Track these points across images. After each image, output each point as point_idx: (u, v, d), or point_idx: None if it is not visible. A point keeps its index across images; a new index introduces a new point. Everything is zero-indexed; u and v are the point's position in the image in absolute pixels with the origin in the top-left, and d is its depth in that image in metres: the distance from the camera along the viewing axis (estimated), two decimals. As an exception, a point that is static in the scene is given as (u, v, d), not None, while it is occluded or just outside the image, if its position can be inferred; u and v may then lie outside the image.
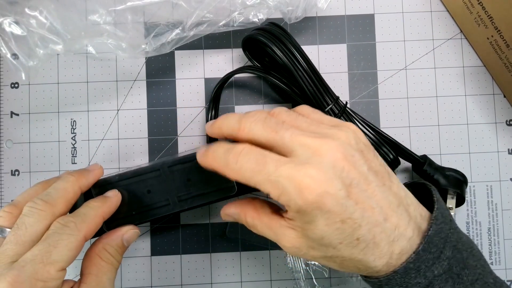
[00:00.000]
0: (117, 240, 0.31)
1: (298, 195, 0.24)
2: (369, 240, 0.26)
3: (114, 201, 0.31)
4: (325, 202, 0.24)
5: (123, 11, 0.36)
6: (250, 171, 0.26)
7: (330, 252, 0.26)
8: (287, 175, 0.25)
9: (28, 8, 0.33)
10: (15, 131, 0.41)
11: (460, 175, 0.38)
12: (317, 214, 0.25)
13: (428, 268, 0.26)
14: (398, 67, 0.42)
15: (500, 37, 0.38)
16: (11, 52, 0.34)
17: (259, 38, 0.36)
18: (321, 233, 0.25)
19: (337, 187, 0.24)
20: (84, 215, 0.29)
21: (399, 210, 0.27)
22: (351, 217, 0.25)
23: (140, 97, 0.41)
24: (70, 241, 0.27)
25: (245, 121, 0.28)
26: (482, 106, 0.42)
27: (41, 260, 0.26)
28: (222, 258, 0.40)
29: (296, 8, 0.37)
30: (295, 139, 0.26)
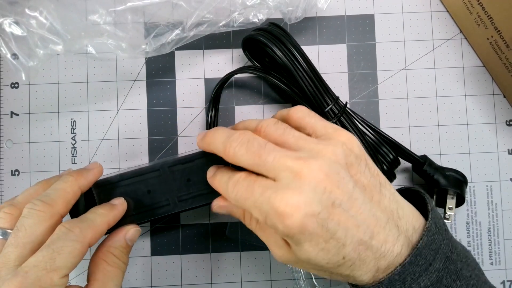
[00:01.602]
0: (121, 241, 0.31)
1: (280, 223, 0.24)
2: (355, 258, 0.26)
3: (120, 209, 0.31)
4: (307, 226, 0.24)
5: (123, 11, 0.36)
6: (242, 198, 0.27)
7: (316, 268, 0.27)
8: (268, 202, 0.25)
9: (28, 8, 0.33)
10: (15, 131, 0.41)
11: (460, 175, 0.38)
12: (301, 238, 0.25)
13: (414, 280, 0.26)
14: (398, 67, 0.42)
15: (500, 37, 0.38)
16: (11, 52, 0.34)
17: (259, 38, 0.36)
18: (307, 255, 0.25)
19: (317, 210, 0.24)
20: (90, 221, 0.29)
21: (388, 226, 0.26)
22: (334, 237, 0.25)
23: (140, 97, 0.41)
24: (74, 248, 0.27)
25: (229, 146, 0.28)
26: (482, 106, 0.42)
27: (44, 266, 0.26)
28: (222, 258, 0.40)
29: (296, 8, 0.37)
30: (278, 163, 0.25)
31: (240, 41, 0.39)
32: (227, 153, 0.28)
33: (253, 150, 0.26)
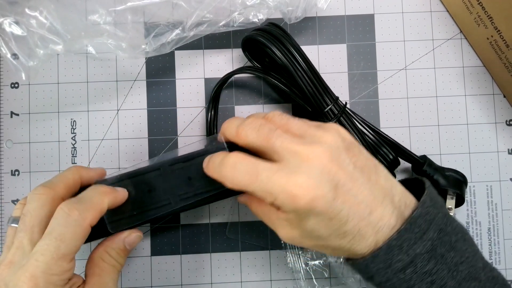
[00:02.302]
0: (119, 243, 0.32)
1: (291, 202, 0.27)
2: (355, 232, 0.28)
3: (120, 193, 0.31)
4: (315, 206, 0.26)
5: (123, 11, 0.36)
6: (244, 182, 0.28)
7: (321, 242, 0.29)
8: (279, 185, 0.27)
9: (28, 8, 0.33)
10: (15, 131, 0.41)
11: (459, 175, 0.38)
12: (308, 215, 0.27)
13: (410, 247, 0.28)
14: (398, 67, 0.42)
15: (500, 37, 0.38)
16: (11, 52, 0.34)
17: (258, 38, 0.36)
18: (311, 228, 0.28)
19: (325, 190, 0.27)
20: (89, 201, 0.29)
21: (384, 202, 0.28)
22: (339, 215, 0.27)
23: (140, 97, 0.41)
24: (75, 232, 0.28)
25: (242, 128, 0.30)
26: (482, 106, 0.42)
27: (52, 255, 0.27)
28: (222, 258, 0.40)
29: (296, 8, 0.37)
30: (285, 147, 0.28)
31: (240, 41, 0.39)
32: (239, 135, 0.30)
33: (263, 134, 0.29)
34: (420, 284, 0.28)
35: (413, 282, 0.28)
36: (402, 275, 0.28)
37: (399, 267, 0.28)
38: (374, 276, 0.29)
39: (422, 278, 0.28)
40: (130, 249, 0.32)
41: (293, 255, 0.40)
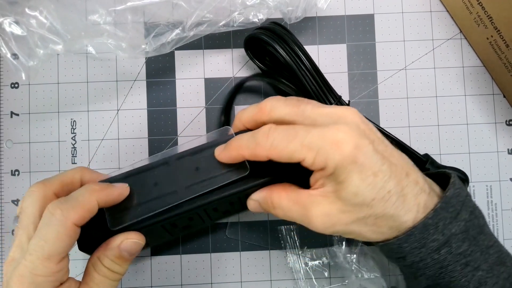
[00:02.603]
0: (113, 249, 0.29)
1: (335, 150, 0.26)
2: (399, 192, 0.27)
3: (116, 191, 0.29)
4: (359, 155, 0.26)
5: (123, 11, 0.36)
6: (282, 143, 0.27)
7: (363, 211, 0.27)
8: (320, 135, 0.26)
9: (28, 8, 0.33)
10: (15, 131, 0.41)
11: (461, 173, 0.38)
12: (352, 169, 0.26)
13: (445, 226, 0.27)
14: (398, 67, 0.42)
15: (500, 37, 0.38)
16: (11, 52, 0.34)
17: (262, 37, 0.36)
18: (355, 189, 0.26)
19: (366, 142, 0.26)
20: (75, 200, 0.27)
21: (415, 169, 0.29)
22: (381, 169, 0.26)
23: (140, 97, 0.41)
24: (59, 232, 0.26)
25: (265, 103, 0.29)
26: (482, 106, 0.42)
27: (37, 256, 0.26)
28: (222, 258, 0.40)
29: (296, 8, 0.37)
30: (317, 110, 0.28)
31: (241, 41, 0.39)
32: (263, 109, 0.29)
33: (291, 103, 0.29)
34: (454, 265, 0.28)
35: (447, 263, 0.28)
36: (437, 255, 0.28)
37: (434, 247, 0.27)
38: (407, 256, 0.28)
39: (456, 259, 0.28)
40: (129, 257, 0.29)
41: (293, 255, 0.40)
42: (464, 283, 0.28)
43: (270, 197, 0.29)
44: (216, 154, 0.30)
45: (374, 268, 0.40)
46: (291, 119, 0.28)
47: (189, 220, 0.33)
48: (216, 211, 0.33)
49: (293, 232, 0.40)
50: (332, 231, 0.28)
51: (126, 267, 0.30)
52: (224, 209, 0.33)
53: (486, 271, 0.28)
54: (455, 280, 0.28)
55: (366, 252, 0.40)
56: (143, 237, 0.30)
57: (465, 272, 0.28)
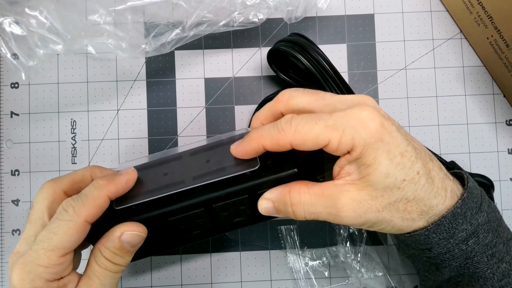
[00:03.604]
0: (114, 241, 0.28)
1: (361, 127, 0.25)
2: (427, 174, 0.27)
3: (123, 179, 0.29)
4: (385, 134, 0.26)
5: (123, 11, 0.36)
6: (306, 126, 0.26)
7: (394, 195, 0.26)
8: (344, 116, 0.26)
9: (28, 8, 0.33)
10: (15, 131, 0.41)
11: (486, 179, 0.38)
12: (379, 147, 0.25)
13: (472, 216, 0.27)
14: (398, 67, 0.42)
15: (500, 37, 0.38)
16: (11, 52, 0.34)
17: (284, 49, 0.36)
18: (386, 170, 0.26)
19: (389, 123, 0.26)
20: (85, 197, 0.28)
21: (434, 156, 0.29)
22: (407, 150, 0.26)
23: (140, 97, 0.41)
24: (69, 227, 0.27)
25: (282, 94, 0.29)
26: (482, 106, 0.42)
27: (43, 246, 0.27)
28: (222, 258, 0.40)
29: (296, 8, 0.37)
30: (336, 98, 0.28)
31: (241, 41, 0.39)
32: (281, 99, 0.29)
33: (309, 92, 0.29)
34: (481, 256, 0.28)
35: (474, 253, 0.28)
36: (465, 246, 0.27)
37: (462, 237, 0.27)
38: (433, 247, 0.28)
39: (483, 250, 0.28)
40: (131, 248, 0.29)
41: (293, 255, 0.40)
42: (489, 274, 0.28)
43: (289, 192, 0.28)
44: (233, 148, 0.29)
45: (375, 268, 0.40)
46: (310, 107, 0.28)
47: (196, 219, 0.31)
48: (225, 212, 0.30)
49: (293, 232, 0.40)
50: (363, 221, 0.26)
51: (128, 258, 0.29)
52: (234, 212, 0.31)
53: (509, 263, 0.28)
54: (480, 271, 0.28)
55: (367, 252, 0.40)
56: (144, 229, 0.29)
57: (491, 264, 0.28)
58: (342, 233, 0.40)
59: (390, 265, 0.40)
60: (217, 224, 0.31)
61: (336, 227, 0.40)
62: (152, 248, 0.32)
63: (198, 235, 0.32)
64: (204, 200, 0.29)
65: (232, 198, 0.29)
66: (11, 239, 0.40)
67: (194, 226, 0.31)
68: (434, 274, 0.30)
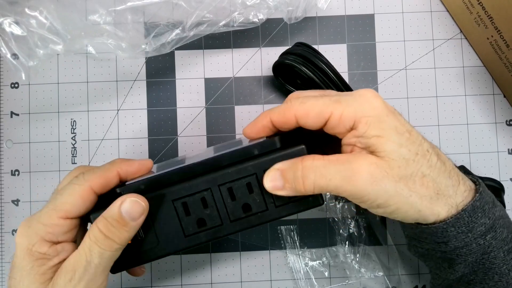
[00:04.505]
0: (113, 211, 0.26)
1: (365, 102, 0.26)
2: (437, 154, 0.27)
3: (137, 162, 0.29)
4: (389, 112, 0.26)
5: (123, 11, 0.36)
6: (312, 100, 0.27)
7: (410, 167, 0.26)
8: (348, 95, 0.27)
9: (28, 8, 0.33)
10: (15, 131, 0.41)
11: (496, 183, 0.38)
12: (386, 121, 0.26)
13: (490, 210, 0.27)
14: (398, 67, 0.42)
15: (500, 37, 0.38)
16: (11, 52, 0.34)
17: (288, 62, 0.37)
18: (397, 140, 0.26)
19: (392, 108, 0.27)
20: (98, 168, 0.29)
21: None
22: (413, 130, 0.27)
23: (140, 97, 0.41)
24: (74, 190, 0.27)
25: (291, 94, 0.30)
26: (482, 106, 0.42)
27: (48, 205, 0.27)
28: (222, 258, 0.40)
29: (296, 8, 0.37)
30: (340, 93, 0.28)
31: (241, 41, 0.39)
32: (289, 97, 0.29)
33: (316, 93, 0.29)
34: (498, 251, 0.28)
35: (491, 248, 0.27)
36: (482, 241, 0.27)
37: (481, 232, 0.27)
38: (450, 241, 0.28)
39: (500, 245, 0.28)
40: (130, 221, 0.26)
41: (293, 255, 0.40)
42: (504, 270, 0.28)
43: (301, 159, 0.26)
44: (243, 130, 0.30)
45: (375, 268, 0.40)
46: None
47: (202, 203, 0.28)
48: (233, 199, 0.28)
49: (293, 232, 0.40)
50: (380, 189, 0.25)
51: (125, 234, 0.26)
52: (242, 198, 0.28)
53: None
54: (496, 267, 0.28)
55: (367, 252, 0.40)
56: (145, 200, 0.27)
57: (507, 260, 0.28)
58: (342, 233, 0.40)
59: (390, 265, 0.40)
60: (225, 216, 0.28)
61: (336, 226, 0.40)
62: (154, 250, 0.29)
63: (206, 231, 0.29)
64: (210, 179, 0.28)
65: (239, 176, 0.27)
66: (11, 239, 0.40)
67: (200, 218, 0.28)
68: (446, 271, 0.30)
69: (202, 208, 0.28)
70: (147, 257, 0.29)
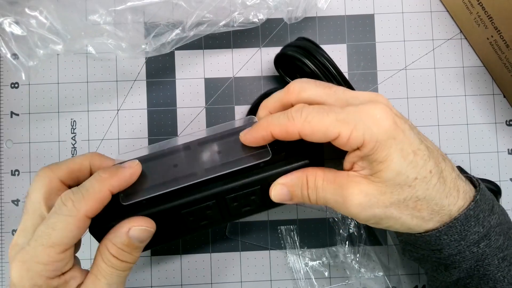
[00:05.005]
0: (121, 237, 0.27)
1: (374, 124, 0.25)
2: (439, 173, 0.26)
3: (127, 172, 0.28)
4: (398, 132, 0.25)
5: (123, 11, 0.36)
6: (316, 117, 0.26)
7: (404, 193, 0.26)
8: (356, 111, 0.25)
9: (28, 8, 0.33)
10: (15, 131, 0.41)
11: (493, 185, 0.38)
12: (392, 144, 0.25)
13: (485, 218, 0.27)
14: (398, 67, 0.42)
15: (500, 37, 0.38)
16: (11, 52, 0.34)
17: (291, 53, 0.36)
18: (398, 167, 0.25)
19: (402, 121, 0.26)
20: (86, 191, 0.26)
21: (447, 157, 0.29)
22: (420, 148, 0.26)
23: (140, 97, 0.41)
24: (68, 223, 0.26)
25: (293, 84, 0.28)
26: (482, 106, 0.42)
27: (42, 242, 0.25)
28: (222, 258, 0.40)
29: (296, 8, 0.37)
30: (348, 93, 0.27)
31: (241, 41, 0.39)
32: (292, 91, 0.28)
33: (322, 84, 0.28)
34: (492, 258, 0.27)
35: (485, 256, 0.27)
36: (476, 249, 0.27)
37: (474, 240, 0.27)
38: (444, 248, 0.28)
39: (494, 253, 0.27)
40: (139, 244, 0.27)
41: (293, 255, 0.40)
42: (499, 277, 0.28)
43: (306, 177, 0.28)
44: (241, 135, 0.29)
45: (375, 268, 0.40)
46: (322, 100, 0.28)
47: (206, 211, 0.30)
48: (236, 202, 0.30)
49: (293, 232, 0.40)
50: (370, 215, 0.26)
51: (136, 255, 0.27)
52: (244, 202, 0.30)
53: None
54: (491, 273, 0.28)
55: (366, 252, 0.40)
56: (153, 223, 0.28)
57: (502, 267, 0.28)
58: (342, 233, 0.40)
59: (390, 265, 0.40)
60: (226, 214, 0.31)
61: (336, 227, 0.40)
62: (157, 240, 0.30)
63: (206, 225, 0.31)
64: (218, 192, 0.29)
65: (245, 189, 0.29)
66: (11, 239, 0.40)
67: (203, 217, 0.30)
68: (443, 274, 0.30)
69: (206, 211, 0.30)
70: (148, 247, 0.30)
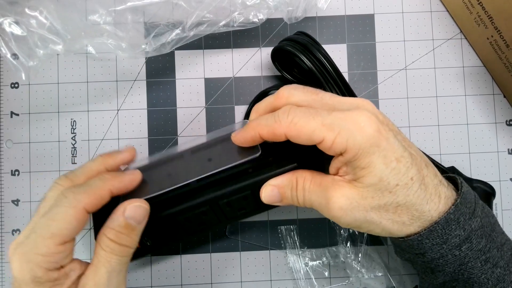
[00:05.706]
0: (118, 220, 0.27)
1: (358, 131, 0.25)
2: (421, 180, 0.27)
3: (127, 177, 0.29)
4: (381, 139, 0.26)
5: (123, 11, 0.36)
6: (302, 120, 0.26)
7: (385, 198, 0.26)
8: (342, 117, 0.26)
9: (28, 8, 0.33)
10: (15, 131, 0.41)
11: (488, 187, 0.38)
12: (375, 152, 0.26)
13: (466, 222, 0.27)
14: (398, 67, 0.42)
15: (500, 37, 0.38)
16: (11, 52, 0.34)
17: (287, 48, 0.36)
18: (380, 174, 0.26)
19: (387, 129, 0.26)
20: (88, 186, 0.28)
21: (431, 162, 0.29)
22: (403, 155, 0.26)
23: (140, 97, 0.41)
24: (67, 214, 0.26)
25: (282, 90, 0.29)
26: (482, 106, 0.42)
27: (41, 233, 0.26)
28: (222, 258, 0.40)
29: (296, 8, 0.37)
30: (335, 99, 0.28)
31: (241, 41, 0.39)
32: (281, 96, 0.29)
33: (309, 90, 0.29)
34: (474, 261, 0.28)
35: (468, 259, 0.28)
36: (458, 252, 0.28)
37: (455, 243, 0.27)
38: (427, 252, 0.28)
39: (477, 255, 0.28)
40: (135, 224, 0.27)
41: (293, 255, 0.40)
42: (483, 280, 0.28)
43: (296, 178, 0.29)
44: (233, 135, 0.30)
45: (375, 268, 0.40)
46: (309, 105, 0.28)
47: (202, 216, 0.32)
48: (229, 207, 0.31)
49: (293, 232, 0.40)
50: (350, 219, 0.27)
51: (135, 238, 0.28)
52: (238, 206, 0.32)
53: (503, 268, 0.28)
54: (474, 276, 0.28)
55: (367, 252, 0.40)
56: (146, 203, 0.28)
57: (485, 269, 0.28)
58: (343, 233, 0.40)
59: (391, 265, 0.40)
60: (223, 218, 0.32)
61: (337, 227, 0.40)
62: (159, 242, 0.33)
63: (204, 228, 0.33)
64: (210, 198, 0.30)
65: (236, 194, 0.31)
66: (11, 239, 0.40)
67: (200, 222, 0.32)
68: (430, 277, 0.31)
69: (202, 217, 0.32)
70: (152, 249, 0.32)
